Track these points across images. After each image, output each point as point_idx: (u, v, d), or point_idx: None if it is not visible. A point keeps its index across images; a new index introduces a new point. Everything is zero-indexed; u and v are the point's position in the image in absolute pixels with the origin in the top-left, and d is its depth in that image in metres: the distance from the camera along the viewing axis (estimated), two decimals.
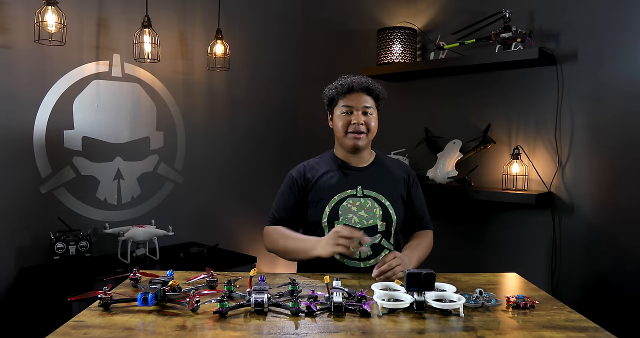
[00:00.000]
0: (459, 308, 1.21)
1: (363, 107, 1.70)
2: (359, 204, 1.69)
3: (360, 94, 1.71)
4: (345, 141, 1.72)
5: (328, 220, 1.69)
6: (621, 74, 2.16)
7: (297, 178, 1.77)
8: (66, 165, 2.43)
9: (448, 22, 2.68)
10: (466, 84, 2.62)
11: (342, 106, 1.71)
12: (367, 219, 1.68)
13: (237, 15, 3.05)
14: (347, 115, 1.70)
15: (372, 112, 1.72)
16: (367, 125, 1.69)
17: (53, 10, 2.12)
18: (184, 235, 2.80)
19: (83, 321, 1.15)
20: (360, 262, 1.67)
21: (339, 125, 1.72)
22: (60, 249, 2.31)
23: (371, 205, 1.69)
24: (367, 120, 1.70)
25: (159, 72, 2.73)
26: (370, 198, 1.70)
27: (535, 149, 2.41)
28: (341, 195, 1.70)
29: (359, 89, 1.70)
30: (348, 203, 1.69)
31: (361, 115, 1.69)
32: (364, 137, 1.69)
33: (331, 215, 1.69)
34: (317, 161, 1.82)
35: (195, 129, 2.91)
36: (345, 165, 1.76)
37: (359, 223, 1.67)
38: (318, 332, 1.10)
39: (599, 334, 1.10)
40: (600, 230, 2.23)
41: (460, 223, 2.65)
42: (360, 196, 1.70)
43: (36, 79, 2.32)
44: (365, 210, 1.68)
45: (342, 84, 1.73)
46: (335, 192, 1.70)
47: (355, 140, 1.69)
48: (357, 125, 1.68)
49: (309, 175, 1.76)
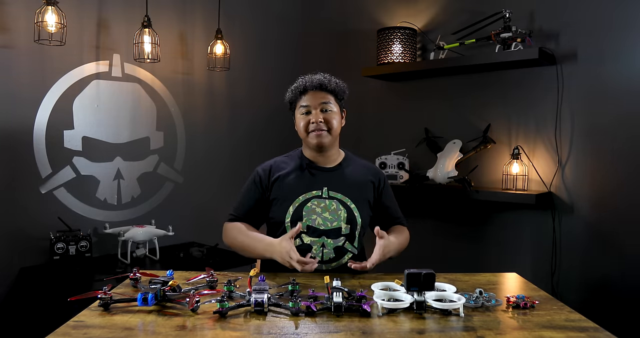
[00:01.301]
0: (459, 308, 1.21)
1: (320, 105, 1.68)
2: (323, 206, 1.66)
3: (315, 92, 1.69)
4: (308, 141, 1.70)
5: (291, 220, 1.66)
6: (621, 74, 2.16)
7: (262, 176, 1.76)
8: (66, 165, 2.43)
9: (448, 22, 2.68)
10: (466, 84, 2.62)
11: (300, 107, 1.71)
12: (331, 221, 1.65)
13: (237, 15, 3.05)
14: (306, 115, 1.69)
15: (332, 107, 1.69)
16: (328, 123, 1.67)
17: (53, 10, 2.12)
18: (184, 235, 2.80)
19: (83, 321, 1.15)
20: (323, 264, 1.65)
21: (300, 126, 1.71)
22: (60, 249, 2.31)
23: (336, 207, 1.66)
24: (327, 117, 1.67)
25: (159, 72, 2.73)
26: (335, 200, 1.67)
27: (535, 149, 2.41)
28: (306, 196, 1.68)
29: (312, 88, 1.69)
30: (313, 204, 1.67)
31: (319, 113, 1.67)
32: (325, 134, 1.67)
33: (295, 216, 1.67)
34: (285, 159, 1.80)
35: (195, 129, 2.91)
36: (313, 165, 1.74)
37: (322, 225, 1.65)
38: (318, 332, 1.10)
39: (599, 334, 1.10)
40: (600, 230, 2.23)
41: (460, 223, 2.65)
42: (325, 197, 1.68)
43: (36, 79, 2.32)
44: (330, 212, 1.66)
45: (297, 85, 1.72)
46: (300, 192, 1.68)
47: (317, 138, 1.66)
48: (317, 123, 1.66)
49: (274, 173, 1.74)
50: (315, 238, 1.65)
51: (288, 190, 1.70)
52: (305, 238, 1.66)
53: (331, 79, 1.73)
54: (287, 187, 1.71)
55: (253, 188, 1.77)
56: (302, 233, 1.67)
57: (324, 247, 1.65)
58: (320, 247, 1.65)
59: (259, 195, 1.75)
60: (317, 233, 1.65)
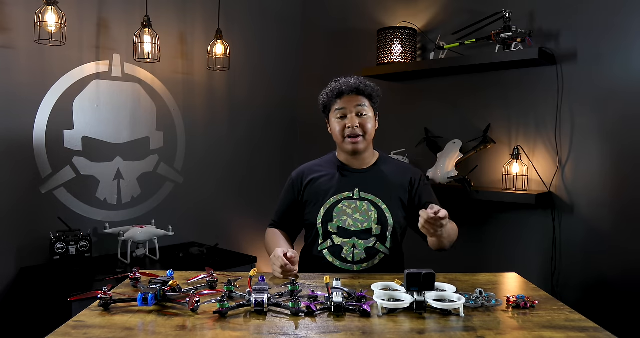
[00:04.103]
0: (459, 308, 1.21)
1: (356, 109, 1.68)
2: (354, 207, 1.68)
3: (351, 96, 1.69)
4: (344, 146, 1.71)
5: (322, 222, 1.69)
6: (621, 74, 2.16)
7: (295, 180, 1.79)
8: (66, 165, 2.43)
9: (448, 22, 2.68)
10: (466, 84, 2.62)
11: (335, 111, 1.71)
12: (361, 222, 1.66)
13: (237, 16, 3.05)
14: (341, 119, 1.69)
15: (367, 111, 1.70)
16: (363, 127, 1.68)
17: (53, 10, 2.12)
18: (184, 235, 2.80)
19: (83, 321, 1.15)
20: (354, 264, 1.66)
21: (336, 131, 1.71)
22: (60, 249, 2.31)
23: (367, 208, 1.67)
24: (362, 121, 1.68)
25: (159, 72, 2.73)
26: (366, 201, 1.68)
27: (535, 148, 2.41)
28: (337, 197, 1.69)
29: (349, 91, 1.69)
30: (343, 205, 1.68)
31: (355, 118, 1.68)
32: (361, 140, 1.68)
33: (325, 217, 1.68)
34: (318, 163, 1.83)
35: (195, 129, 2.91)
36: (345, 167, 1.76)
37: (353, 226, 1.66)
38: (318, 332, 1.10)
39: (599, 334, 1.10)
40: (600, 230, 2.23)
41: (460, 223, 2.63)
42: (356, 199, 1.69)
43: (36, 79, 2.32)
44: (361, 213, 1.67)
45: (333, 88, 1.72)
46: (331, 194, 1.70)
47: (353, 144, 1.68)
48: (352, 128, 1.66)
49: (307, 177, 1.77)
50: (346, 239, 1.67)
51: (320, 192, 1.73)
52: (336, 239, 1.68)
53: (366, 82, 1.73)
54: (319, 189, 1.73)
55: (288, 192, 1.81)
56: (333, 234, 1.68)
57: (354, 248, 1.66)
58: (351, 248, 1.66)
59: (294, 199, 1.79)
60: (347, 234, 1.67)
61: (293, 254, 1.50)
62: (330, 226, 1.68)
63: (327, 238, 1.69)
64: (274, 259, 1.51)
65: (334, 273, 1.57)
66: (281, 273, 1.48)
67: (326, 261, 1.68)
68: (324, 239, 1.70)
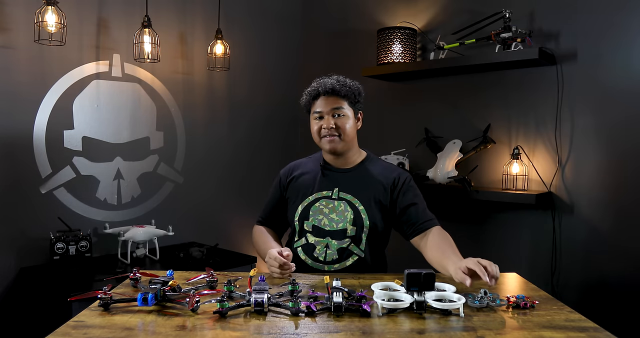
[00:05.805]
0: (459, 308, 1.21)
1: (332, 110, 1.67)
2: (331, 206, 1.67)
3: (328, 98, 1.68)
4: (322, 146, 1.71)
5: (299, 219, 1.69)
6: (621, 74, 2.16)
7: (282, 176, 1.81)
8: (66, 165, 2.43)
9: (448, 22, 2.68)
10: (466, 84, 2.62)
11: (313, 112, 1.71)
12: (337, 222, 1.65)
13: (237, 16, 3.05)
14: (318, 120, 1.69)
15: (344, 112, 1.67)
16: (339, 128, 1.66)
17: (53, 10, 2.12)
18: (184, 235, 2.80)
19: (83, 321, 1.15)
20: (325, 264, 1.65)
21: (313, 131, 1.71)
22: (60, 249, 2.31)
23: (344, 208, 1.66)
24: (339, 122, 1.66)
25: (159, 72, 2.73)
26: (344, 201, 1.67)
27: (535, 148, 2.41)
28: (316, 196, 1.69)
29: (325, 93, 1.68)
30: (321, 204, 1.68)
31: (331, 119, 1.66)
32: (337, 140, 1.66)
33: (302, 214, 1.68)
34: (306, 161, 1.83)
35: (195, 129, 2.91)
36: (328, 166, 1.75)
37: (328, 226, 1.65)
38: (318, 332, 1.10)
39: (599, 334, 1.10)
40: (600, 230, 2.23)
41: (460, 223, 2.65)
42: (335, 198, 1.68)
43: (36, 79, 2.32)
44: (337, 213, 1.66)
45: (310, 89, 1.72)
46: (311, 192, 1.70)
47: (330, 143, 1.67)
48: (328, 129, 1.66)
49: (292, 174, 1.79)
50: (319, 239, 1.66)
51: (300, 189, 1.73)
52: (310, 237, 1.67)
53: (345, 82, 1.71)
54: (300, 187, 1.74)
55: (275, 189, 1.82)
56: (308, 232, 1.68)
57: (327, 248, 1.65)
58: (323, 248, 1.65)
59: (279, 196, 1.80)
60: (322, 233, 1.66)
61: (289, 252, 1.50)
62: (306, 224, 1.67)
63: (302, 236, 1.69)
64: (270, 260, 1.51)
65: (304, 273, 1.58)
66: (280, 273, 1.48)
67: (299, 259, 1.67)
68: (299, 237, 1.70)
